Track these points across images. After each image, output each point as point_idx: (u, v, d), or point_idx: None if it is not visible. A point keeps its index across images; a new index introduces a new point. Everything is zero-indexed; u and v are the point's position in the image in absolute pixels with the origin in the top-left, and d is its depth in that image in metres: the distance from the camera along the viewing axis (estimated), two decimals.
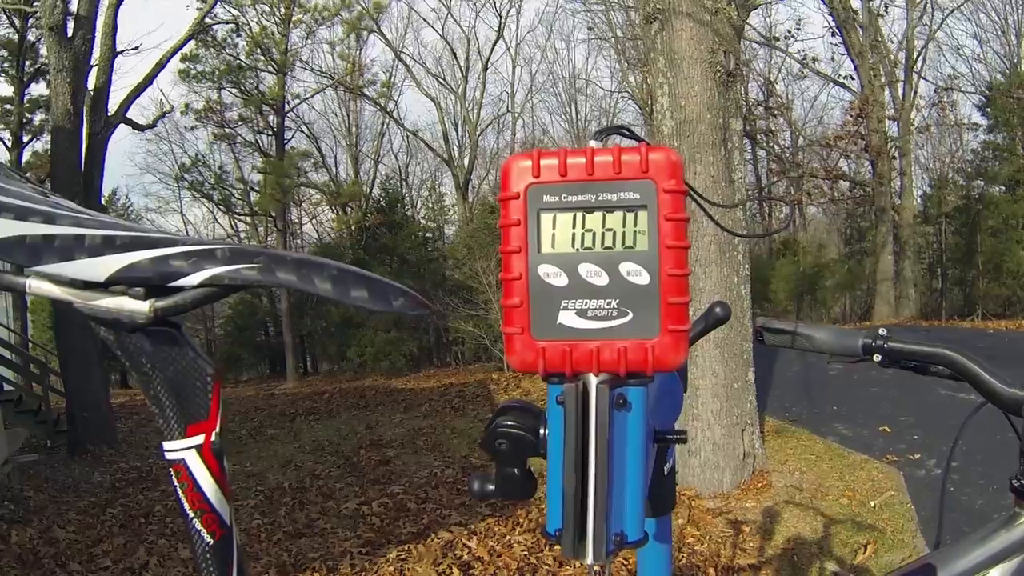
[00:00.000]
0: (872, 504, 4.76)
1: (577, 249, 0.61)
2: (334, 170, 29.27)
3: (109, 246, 0.58)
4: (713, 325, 1.05)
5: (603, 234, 0.61)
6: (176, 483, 0.62)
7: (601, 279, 0.61)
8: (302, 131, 27.07)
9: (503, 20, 28.28)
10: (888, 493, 4.90)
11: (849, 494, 4.97)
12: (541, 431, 0.67)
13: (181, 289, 0.59)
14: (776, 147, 23.49)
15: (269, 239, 27.51)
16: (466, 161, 27.29)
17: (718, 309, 1.04)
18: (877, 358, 1.15)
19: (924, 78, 22.63)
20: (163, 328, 0.61)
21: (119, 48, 11.91)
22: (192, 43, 19.33)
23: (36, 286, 0.59)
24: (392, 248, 24.49)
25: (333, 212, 27.97)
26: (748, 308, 5.48)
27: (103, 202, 13.19)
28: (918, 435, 6.05)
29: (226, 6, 20.99)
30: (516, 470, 0.69)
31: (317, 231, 30.32)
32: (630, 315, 0.61)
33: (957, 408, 6.37)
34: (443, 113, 27.79)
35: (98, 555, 5.30)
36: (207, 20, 17.45)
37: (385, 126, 29.24)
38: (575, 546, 0.60)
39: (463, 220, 25.21)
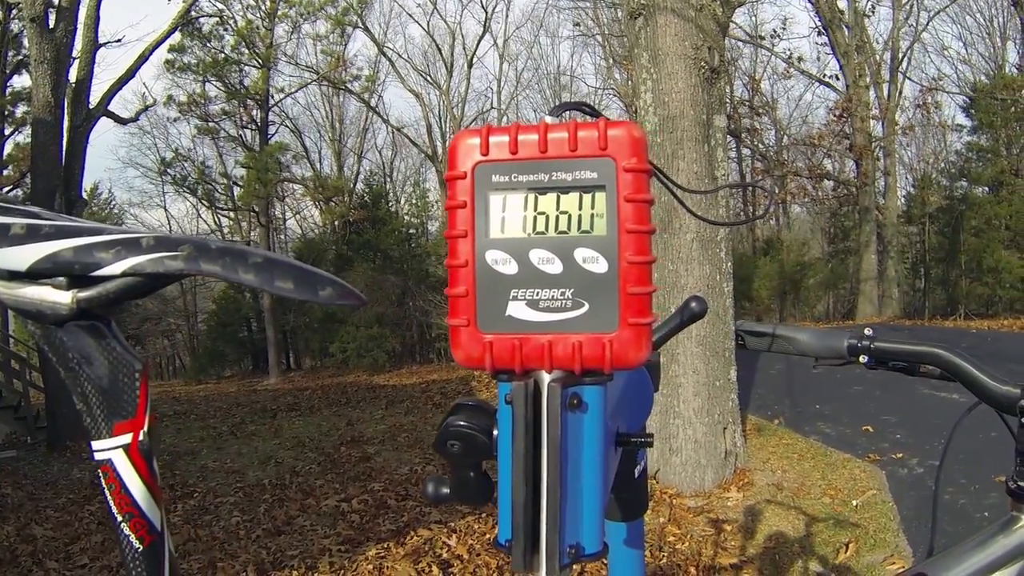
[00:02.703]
0: (854, 503, 4.75)
1: (528, 234, 0.55)
2: (318, 165, 29.26)
3: (32, 235, 0.55)
4: (689, 321, 0.99)
5: (557, 217, 0.55)
6: (104, 485, 0.57)
7: (554, 267, 0.55)
8: (286, 126, 27.02)
9: (489, 15, 28.29)
10: (870, 492, 4.89)
11: (831, 493, 4.96)
12: (495, 432, 0.61)
13: (105, 279, 0.56)
14: (760, 145, 23.55)
15: (252, 234, 27.43)
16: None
17: (694, 304, 0.97)
18: (864, 359, 1.12)
19: (909, 78, 22.81)
20: (89, 322, 0.58)
21: (101, 40, 11.84)
22: (178, 34, 19.21)
23: None
24: (376, 244, 24.45)
25: (317, 207, 27.91)
26: (731, 306, 5.46)
27: (84, 195, 13.07)
28: (901, 434, 6.05)
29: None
30: (471, 473, 0.63)
31: (301, 227, 30.27)
32: (586, 306, 0.54)
33: (940, 407, 6.37)
34: (427, 109, 27.78)
35: (75, 553, 5.24)
36: (192, 13, 17.36)
37: (369, 121, 29.24)
38: (526, 559, 0.54)
39: (446, 216, 25.20)
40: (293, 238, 30.50)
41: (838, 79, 21.45)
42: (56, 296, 0.56)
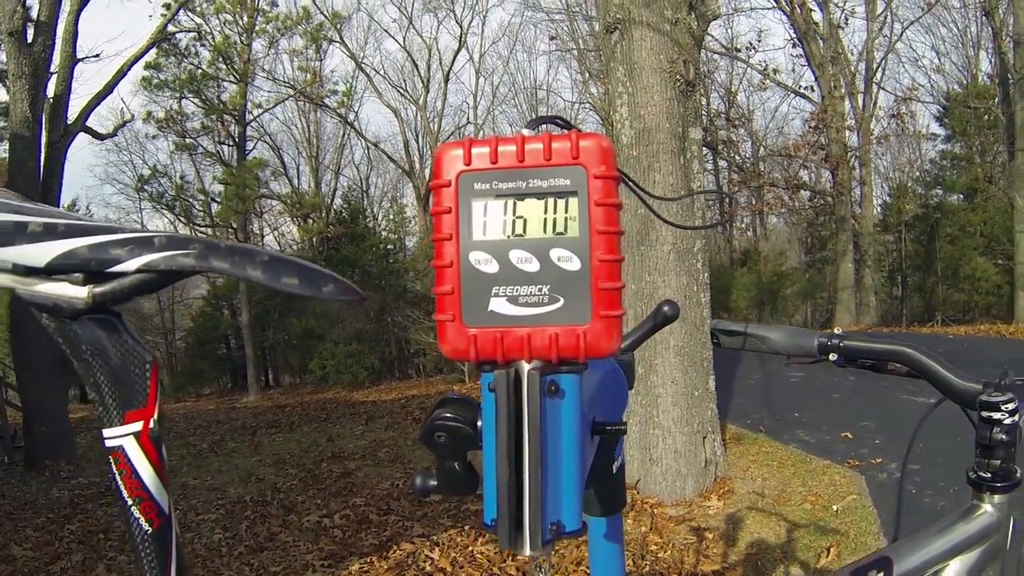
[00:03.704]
0: (835, 508, 4.79)
1: (508, 236, 0.61)
2: (296, 181, 29.21)
3: (49, 233, 0.59)
4: (661, 324, 1.02)
5: (534, 221, 0.60)
6: (115, 471, 0.61)
7: (532, 265, 0.60)
8: (264, 142, 26.97)
9: (465, 31, 28.40)
10: (850, 497, 4.93)
11: (812, 499, 5.00)
12: (479, 423, 0.65)
13: (119, 276, 0.60)
14: (737, 157, 23.72)
15: None
16: (427, 172, 27.30)
17: (666, 308, 1.01)
18: (833, 357, 1.17)
19: (883, 89, 23.05)
20: (102, 315, 0.62)
21: (80, 55, 11.80)
22: (154, 51, 19.18)
23: None
24: (354, 260, 24.40)
25: (295, 223, 27.85)
26: (708, 316, 5.50)
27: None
28: (880, 440, 6.10)
29: (189, 14, 20.90)
30: (456, 464, 0.67)
31: (279, 243, 30.17)
32: (561, 301, 0.60)
33: (918, 413, 6.38)
34: (404, 124, 27.82)
35: (56, 572, 5.20)
36: (170, 28, 17.33)
37: (346, 137, 29.24)
38: (511, 537, 0.58)
39: (424, 232, 25.19)
40: None
41: (813, 90, 21.64)
42: (73, 291, 0.60)
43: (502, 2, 37.47)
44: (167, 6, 16.85)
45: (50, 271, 0.59)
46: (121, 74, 12.99)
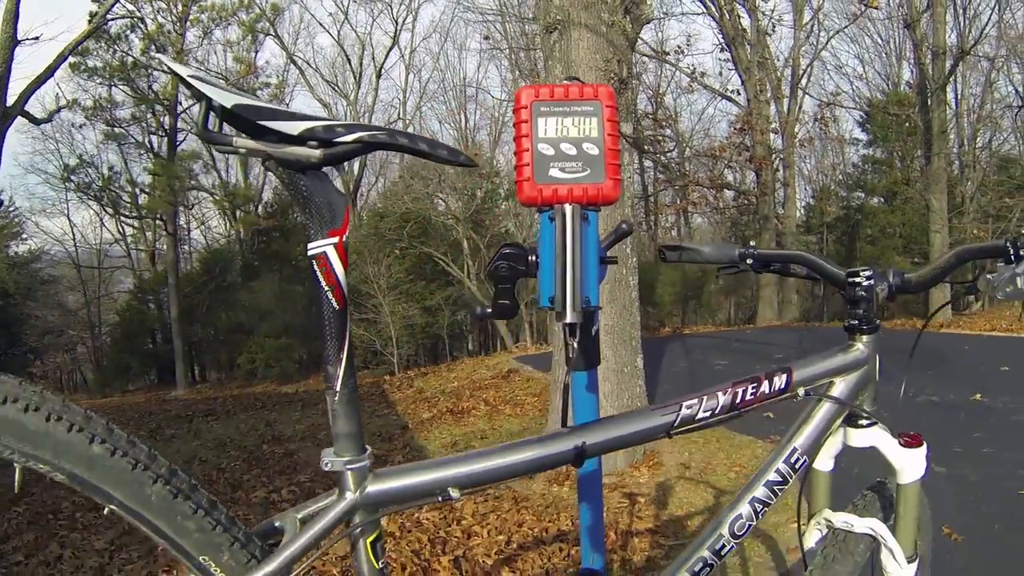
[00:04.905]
0: None
1: (560, 134, 1.07)
2: (225, 174, 28.89)
3: (294, 116, 0.94)
4: (621, 236, 1.37)
5: (572, 128, 1.07)
6: (316, 268, 0.97)
7: (572, 151, 1.07)
8: (194, 133, 26.57)
9: (399, 26, 28.44)
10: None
11: (736, 469, 5.30)
12: (529, 258, 1.12)
13: (340, 144, 0.95)
14: (663, 157, 24.14)
15: (158, 243, 26.97)
16: (356, 167, 27.28)
17: (624, 225, 1.36)
18: (749, 262, 1.52)
19: (808, 94, 23.62)
20: (321, 170, 0.97)
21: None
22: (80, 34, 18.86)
23: (240, 143, 0.92)
24: (284, 254, 24.30)
25: (224, 217, 27.58)
26: (636, 298, 5.75)
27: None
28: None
29: (123, 1, 20.60)
30: (506, 296, 1.09)
31: (204, 237, 29.88)
32: (589, 171, 1.06)
33: None
34: (335, 119, 27.68)
35: (8, 551, 5.23)
36: (108, 15, 17.10)
37: None
38: (563, 307, 0.98)
39: (353, 226, 25.07)
40: (197, 248, 30.10)
41: (739, 94, 22.04)
42: (310, 152, 0.95)
43: None
44: None
45: (298, 139, 0.93)
46: (62, 58, 12.89)
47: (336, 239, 0.97)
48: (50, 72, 12.41)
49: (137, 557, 4.67)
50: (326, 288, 0.97)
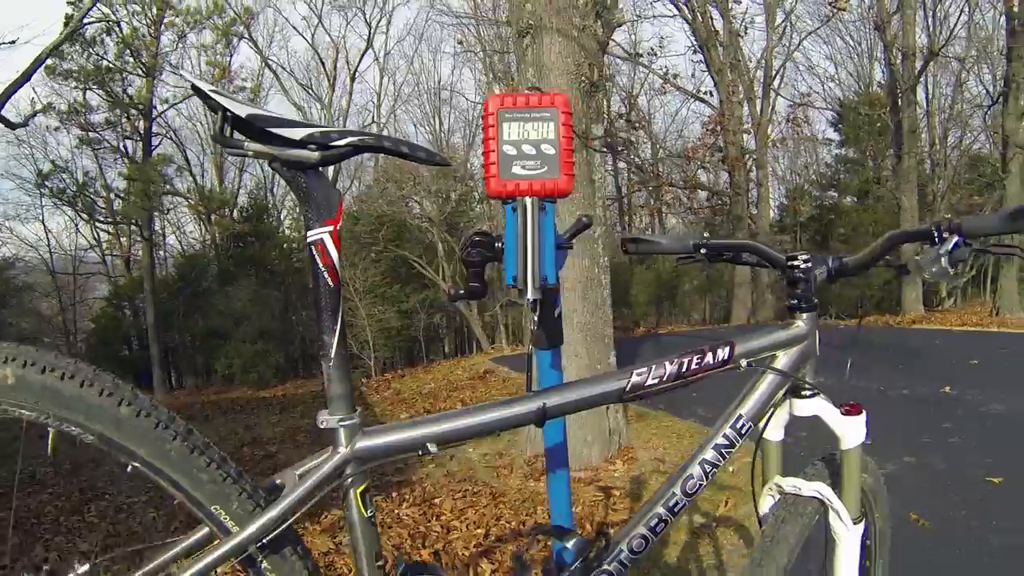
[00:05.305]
0: (730, 469, 5.20)
1: (521, 137, 1.22)
2: (200, 179, 28.76)
3: (296, 123, 1.09)
4: (581, 228, 1.49)
5: (533, 131, 1.23)
6: (315, 252, 1.12)
7: (532, 151, 1.22)
8: (169, 138, 26.53)
9: (373, 30, 28.47)
10: (744, 460, 5.37)
11: None
12: (496, 245, 1.28)
13: (334, 147, 1.10)
14: (636, 159, 24.25)
15: (133, 249, 26.82)
16: (330, 171, 27.11)
17: (584, 218, 1.50)
18: (703, 252, 1.62)
19: (781, 95, 23.77)
20: (319, 169, 1.12)
21: None
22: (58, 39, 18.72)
23: (252, 147, 1.07)
24: (259, 259, 24.23)
25: (199, 221, 27.48)
26: (608, 297, 5.84)
27: None
28: None
29: (99, 5, 20.45)
30: (477, 279, 1.27)
31: (180, 242, 29.73)
32: (546, 168, 1.22)
33: None
34: (331, 126, 27.60)
35: None
36: (85, 19, 17.00)
37: None
38: (524, 285, 1.17)
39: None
40: (173, 253, 29.93)
41: (712, 95, 22.17)
42: (310, 154, 1.09)
43: (407, 1, 37.56)
44: None
45: (299, 143, 1.08)
46: (39, 62, 12.83)
47: (331, 228, 1.13)
48: (27, 76, 12.35)
49: (124, 557, 4.71)
50: (323, 268, 1.13)
